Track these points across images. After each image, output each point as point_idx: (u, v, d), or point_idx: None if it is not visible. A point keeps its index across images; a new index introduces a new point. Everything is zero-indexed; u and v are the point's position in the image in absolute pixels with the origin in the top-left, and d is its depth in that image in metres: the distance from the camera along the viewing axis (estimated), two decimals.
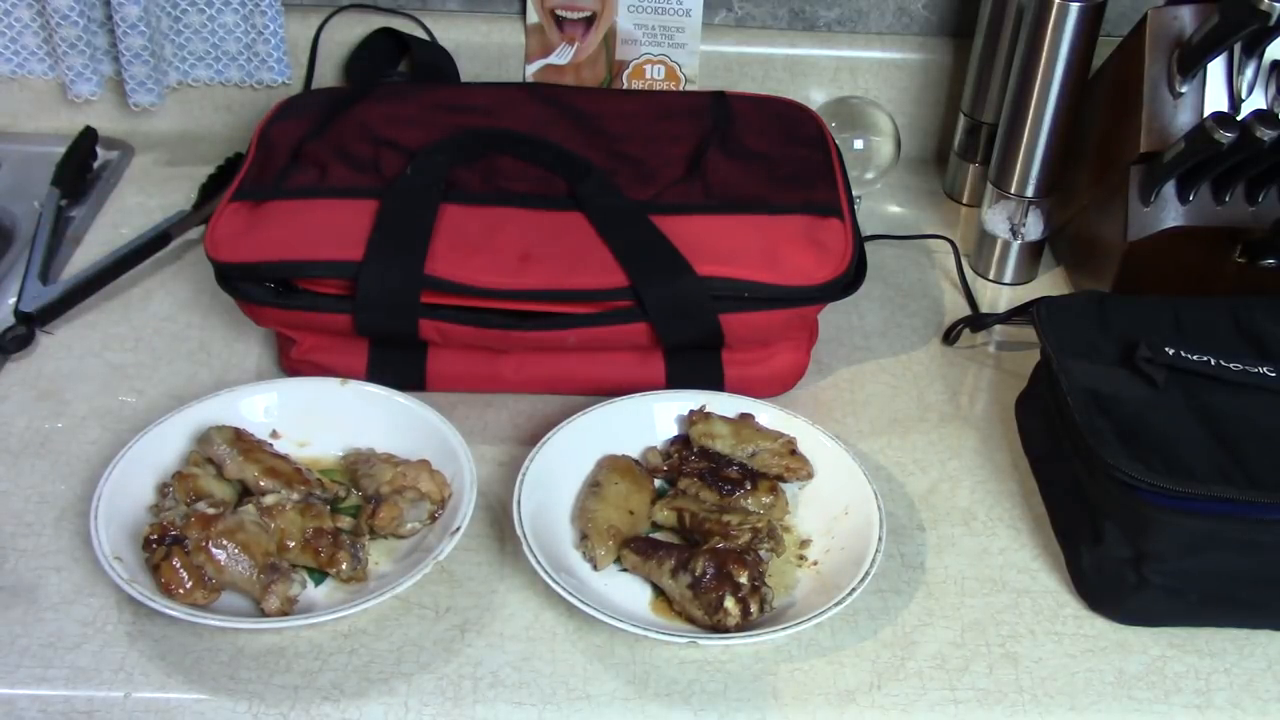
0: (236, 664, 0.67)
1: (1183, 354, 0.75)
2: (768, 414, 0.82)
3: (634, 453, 0.81)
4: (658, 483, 0.80)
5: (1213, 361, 0.75)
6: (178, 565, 0.68)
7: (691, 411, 0.81)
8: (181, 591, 0.68)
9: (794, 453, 0.79)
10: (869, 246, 1.04)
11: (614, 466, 0.78)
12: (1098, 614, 0.73)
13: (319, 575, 0.72)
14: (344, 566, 0.71)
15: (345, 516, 0.75)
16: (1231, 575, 0.70)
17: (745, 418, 0.81)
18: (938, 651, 0.70)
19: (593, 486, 0.77)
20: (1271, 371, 0.75)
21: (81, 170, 1.08)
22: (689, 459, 0.79)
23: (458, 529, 0.71)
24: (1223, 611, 0.72)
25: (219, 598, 0.70)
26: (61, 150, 1.08)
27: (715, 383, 0.85)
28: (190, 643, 0.68)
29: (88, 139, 1.10)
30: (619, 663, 0.68)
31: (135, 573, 0.68)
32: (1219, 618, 0.72)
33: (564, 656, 0.69)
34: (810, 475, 0.79)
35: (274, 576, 0.69)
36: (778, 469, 0.78)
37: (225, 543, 0.69)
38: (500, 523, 0.77)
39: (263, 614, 0.68)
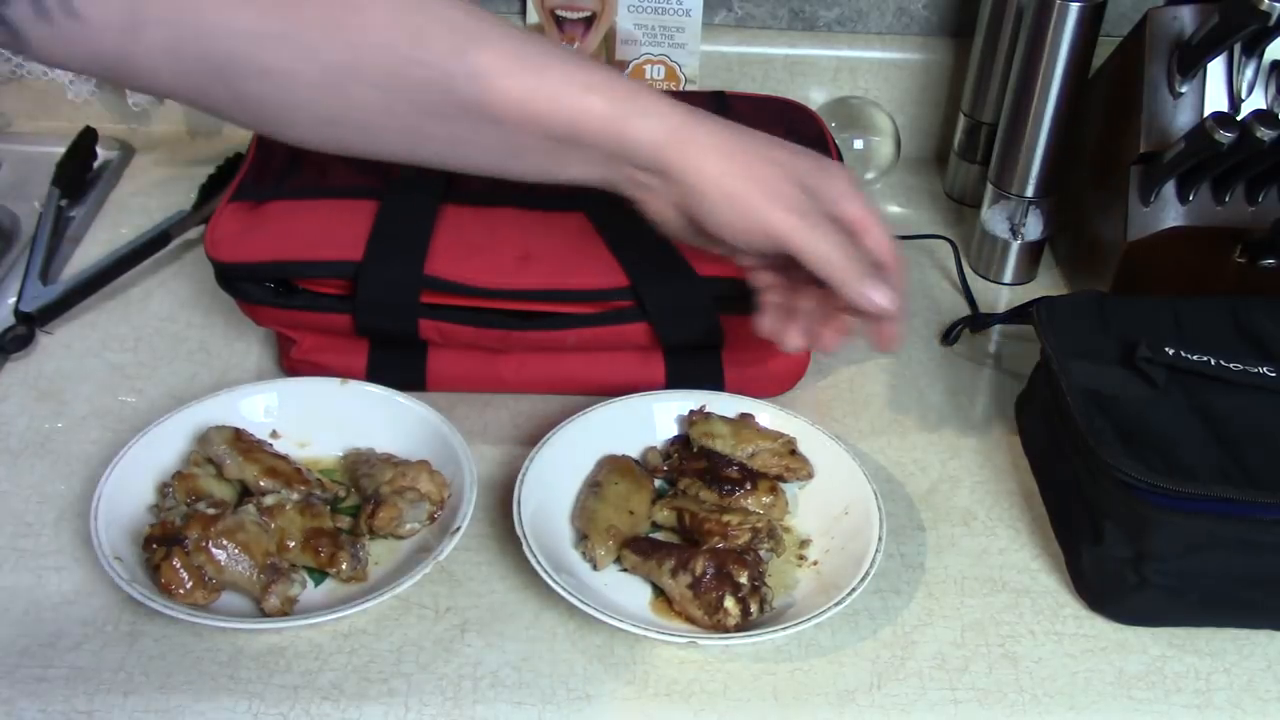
0: (236, 664, 0.67)
1: (1183, 354, 0.75)
2: (768, 414, 0.82)
3: (634, 453, 0.81)
4: (658, 483, 0.80)
5: (1213, 362, 0.75)
6: (178, 565, 0.68)
7: (691, 411, 0.81)
8: (181, 591, 0.68)
9: (794, 453, 0.79)
10: None
11: (614, 466, 0.78)
12: (1098, 614, 0.73)
13: (319, 575, 0.72)
14: (344, 566, 0.71)
15: (345, 516, 0.75)
16: (1232, 575, 0.70)
17: (745, 418, 0.81)
18: (938, 651, 0.70)
19: (593, 486, 0.77)
20: (1272, 372, 0.75)
21: (81, 170, 1.08)
22: (689, 459, 0.79)
23: (458, 529, 0.71)
24: (1223, 611, 0.72)
25: (219, 598, 0.70)
26: (61, 150, 1.08)
27: (715, 383, 0.85)
28: (190, 643, 0.68)
29: (88, 139, 1.10)
30: (619, 663, 0.68)
31: (135, 573, 0.68)
32: (1219, 618, 0.72)
33: (564, 656, 0.69)
34: (810, 475, 0.79)
35: (274, 576, 0.69)
36: (778, 469, 0.78)
37: (225, 543, 0.69)
38: (500, 523, 0.77)
39: (263, 614, 0.68)
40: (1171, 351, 0.75)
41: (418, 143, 0.63)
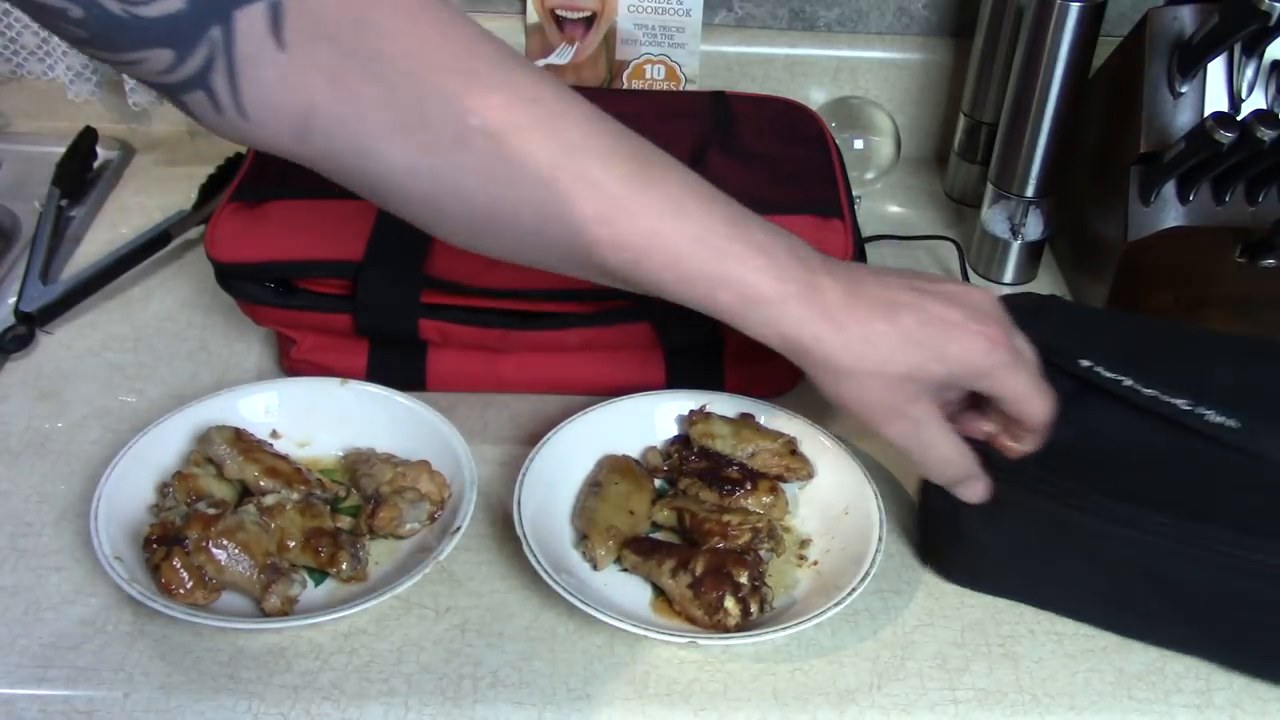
0: (236, 664, 0.67)
1: (1098, 370, 0.73)
2: (768, 414, 0.82)
3: (634, 453, 0.81)
4: (658, 483, 0.80)
5: (1126, 382, 0.73)
6: (178, 565, 0.68)
7: (691, 411, 0.81)
8: (181, 591, 0.68)
9: (794, 453, 0.79)
10: (873, 247, 1.04)
11: (614, 466, 0.78)
12: (928, 568, 0.74)
13: (319, 575, 0.72)
14: (344, 566, 0.71)
15: (345, 516, 0.75)
16: (1029, 541, 0.70)
17: (745, 418, 0.81)
18: (938, 651, 0.70)
19: (593, 486, 0.77)
20: (1187, 405, 0.71)
21: (81, 170, 1.08)
22: (689, 459, 0.79)
23: (458, 529, 0.71)
24: (1030, 577, 0.72)
25: (219, 598, 0.70)
26: (61, 150, 1.08)
27: (715, 383, 0.85)
28: (190, 643, 0.68)
29: (88, 139, 1.10)
30: (619, 663, 0.68)
31: (135, 573, 0.68)
32: (1028, 584, 0.73)
33: (564, 656, 0.69)
34: (810, 475, 0.79)
35: (274, 576, 0.69)
36: (778, 469, 0.78)
37: (225, 543, 0.69)
38: (500, 523, 0.77)
39: (263, 614, 0.68)
40: (1087, 364, 0.74)
41: (564, 273, 0.64)
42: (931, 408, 0.65)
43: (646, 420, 0.82)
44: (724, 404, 0.82)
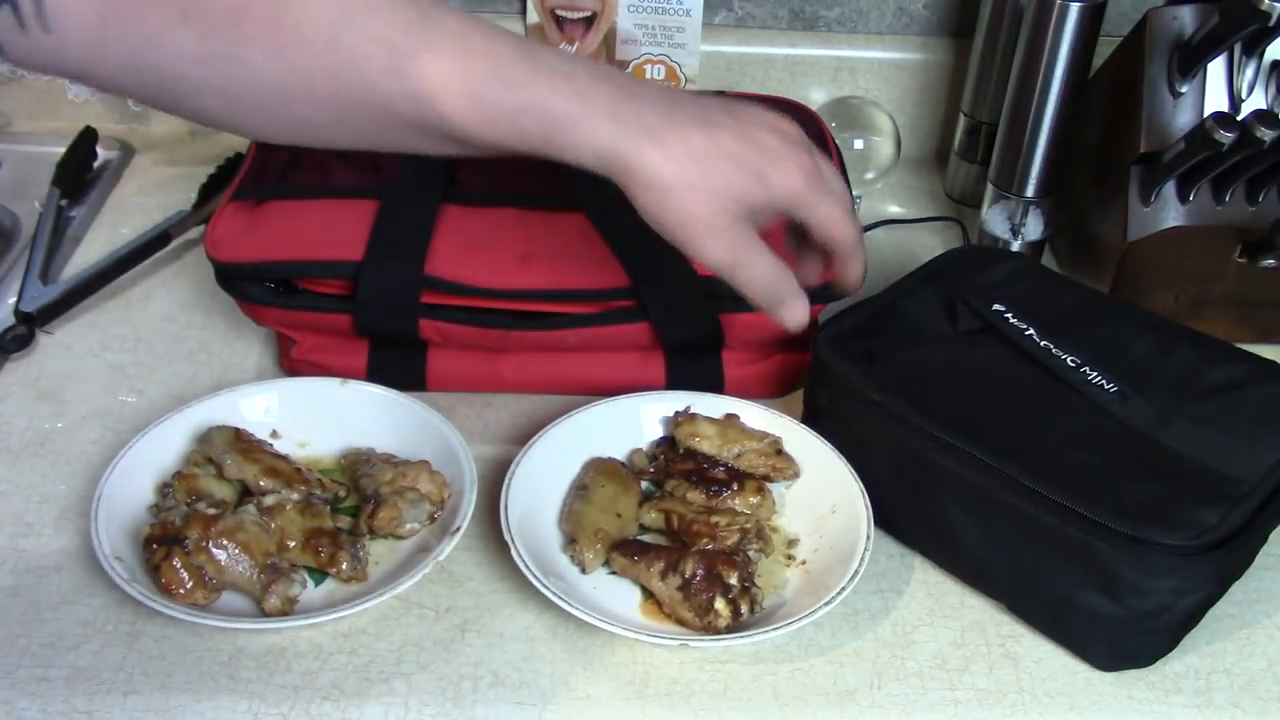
0: (236, 664, 0.67)
1: (1008, 317, 0.76)
2: (753, 413, 0.81)
3: (620, 455, 0.80)
4: (644, 485, 0.80)
5: (1028, 331, 0.75)
6: (178, 565, 0.68)
7: (677, 413, 0.81)
8: (181, 591, 0.68)
9: (780, 452, 0.79)
10: (875, 235, 1.04)
11: (600, 469, 0.78)
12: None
13: (319, 575, 0.72)
14: (344, 566, 0.71)
15: (345, 516, 0.75)
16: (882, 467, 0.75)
17: (731, 418, 0.81)
18: (938, 651, 0.70)
19: (579, 490, 0.77)
20: (1074, 362, 0.73)
21: (81, 170, 1.08)
22: (675, 460, 0.79)
23: (458, 529, 0.71)
24: (903, 514, 0.75)
25: (219, 598, 0.70)
26: (61, 150, 1.08)
27: (715, 383, 0.85)
28: (190, 643, 0.68)
29: (88, 139, 1.10)
30: (619, 663, 0.68)
31: (135, 573, 0.68)
32: (906, 524, 0.76)
33: (564, 656, 0.69)
34: (796, 474, 0.79)
35: (274, 576, 0.69)
36: (764, 469, 0.78)
37: (225, 543, 0.69)
38: (500, 523, 0.76)
39: (263, 614, 0.68)
40: (999, 309, 0.77)
41: (376, 143, 0.64)
42: (751, 229, 0.64)
43: (632, 422, 0.82)
44: (709, 404, 0.82)
